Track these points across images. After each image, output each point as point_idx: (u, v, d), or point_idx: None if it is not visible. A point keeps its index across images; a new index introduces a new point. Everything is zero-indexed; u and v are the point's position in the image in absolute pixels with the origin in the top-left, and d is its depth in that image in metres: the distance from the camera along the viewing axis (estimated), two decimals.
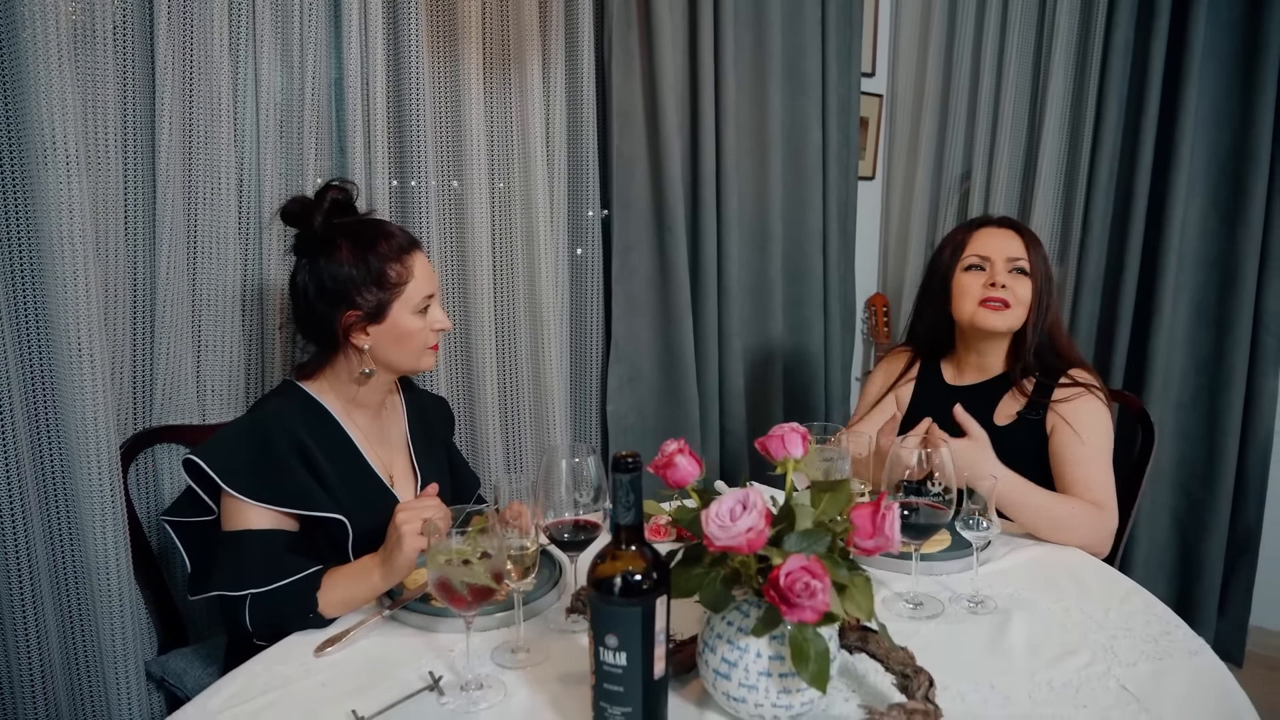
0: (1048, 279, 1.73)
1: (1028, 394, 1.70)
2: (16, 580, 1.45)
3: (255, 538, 1.30)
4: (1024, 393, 1.71)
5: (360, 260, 1.39)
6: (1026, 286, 1.71)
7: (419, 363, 1.48)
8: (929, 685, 1.00)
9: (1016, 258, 1.72)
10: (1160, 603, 1.32)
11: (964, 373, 1.83)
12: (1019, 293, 1.71)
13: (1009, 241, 1.74)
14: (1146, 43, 2.61)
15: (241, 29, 1.70)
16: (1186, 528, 2.78)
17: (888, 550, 0.99)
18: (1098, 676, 1.12)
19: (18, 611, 1.46)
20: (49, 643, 1.52)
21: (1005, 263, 1.72)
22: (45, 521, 1.52)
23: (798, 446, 1.10)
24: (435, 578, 1.06)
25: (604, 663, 0.94)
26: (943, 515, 1.27)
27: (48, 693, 1.52)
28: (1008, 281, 1.70)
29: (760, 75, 2.57)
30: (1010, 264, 1.72)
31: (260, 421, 1.37)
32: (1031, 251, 1.73)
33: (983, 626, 1.26)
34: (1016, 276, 1.72)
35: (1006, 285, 1.70)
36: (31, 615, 1.47)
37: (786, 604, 0.89)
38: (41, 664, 1.50)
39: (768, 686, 0.98)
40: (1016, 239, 1.74)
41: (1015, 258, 1.72)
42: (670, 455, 1.03)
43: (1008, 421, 1.71)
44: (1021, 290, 1.71)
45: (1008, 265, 1.72)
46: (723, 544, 0.92)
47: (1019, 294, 1.71)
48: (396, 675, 1.15)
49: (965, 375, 1.83)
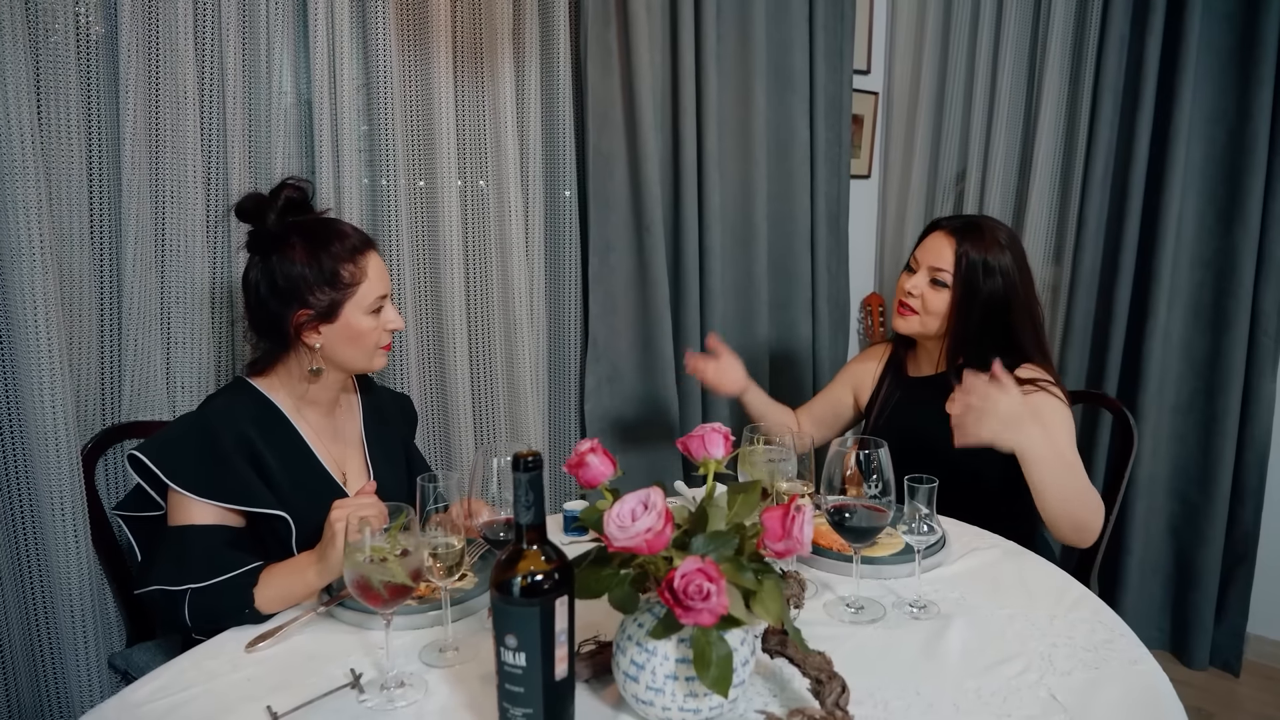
0: (970, 289, 1.68)
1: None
2: None
3: (196, 533, 1.31)
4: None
5: (313, 259, 1.39)
6: (942, 298, 1.71)
7: (371, 362, 1.48)
8: (841, 692, 0.98)
9: (938, 268, 1.72)
10: (1110, 610, 1.29)
11: (920, 365, 1.86)
12: (930, 303, 1.72)
13: (942, 250, 1.72)
14: (1142, 38, 2.56)
15: (206, 24, 1.71)
16: (1182, 534, 2.72)
17: (798, 553, 0.97)
18: (1029, 685, 1.10)
19: None
20: (11, 634, 1.54)
21: (927, 271, 1.73)
22: (8, 517, 1.54)
23: (719, 447, 1.08)
24: (352, 575, 1.06)
25: (505, 663, 0.93)
26: (881, 517, 1.25)
27: (9, 683, 1.54)
28: (924, 290, 1.73)
29: (745, 72, 2.55)
30: (931, 273, 1.73)
31: (205, 418, 1.38)
32: (965, 259, 1.68)
33: (920, 632, 1.24)
34: (935, 287, 1.72)
35: (918, 293, 1.73)
36: None
37: (681, 607, 0.87)
38: (2, 655, 1.52)
39: (674, 690, 0.96)
40: (949, 249, 1.71)
41: (937, 268, 1.72)
42: (582, 455, 1.02)
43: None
44: (934, 300, 1.72)
45: (929, 274, 1.73)
46: (621, 544, 0.91)
47: (930, 304, 1.73)
48: (324, 672, 1.15)
49: (922, 368, 1.85)
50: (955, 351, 1.74)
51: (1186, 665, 2.73)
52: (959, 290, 1.68)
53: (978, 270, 1.67)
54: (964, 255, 1.68)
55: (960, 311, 1.69)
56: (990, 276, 1.67)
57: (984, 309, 1.68)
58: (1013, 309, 1.69)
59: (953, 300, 1.70)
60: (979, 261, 1.67)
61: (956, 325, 1.70)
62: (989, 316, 1.68)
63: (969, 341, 1.70)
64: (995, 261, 1.67)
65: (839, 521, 1.26)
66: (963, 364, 1.69)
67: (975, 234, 1.69)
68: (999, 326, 1.69)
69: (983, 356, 1.66)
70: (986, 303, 1.67)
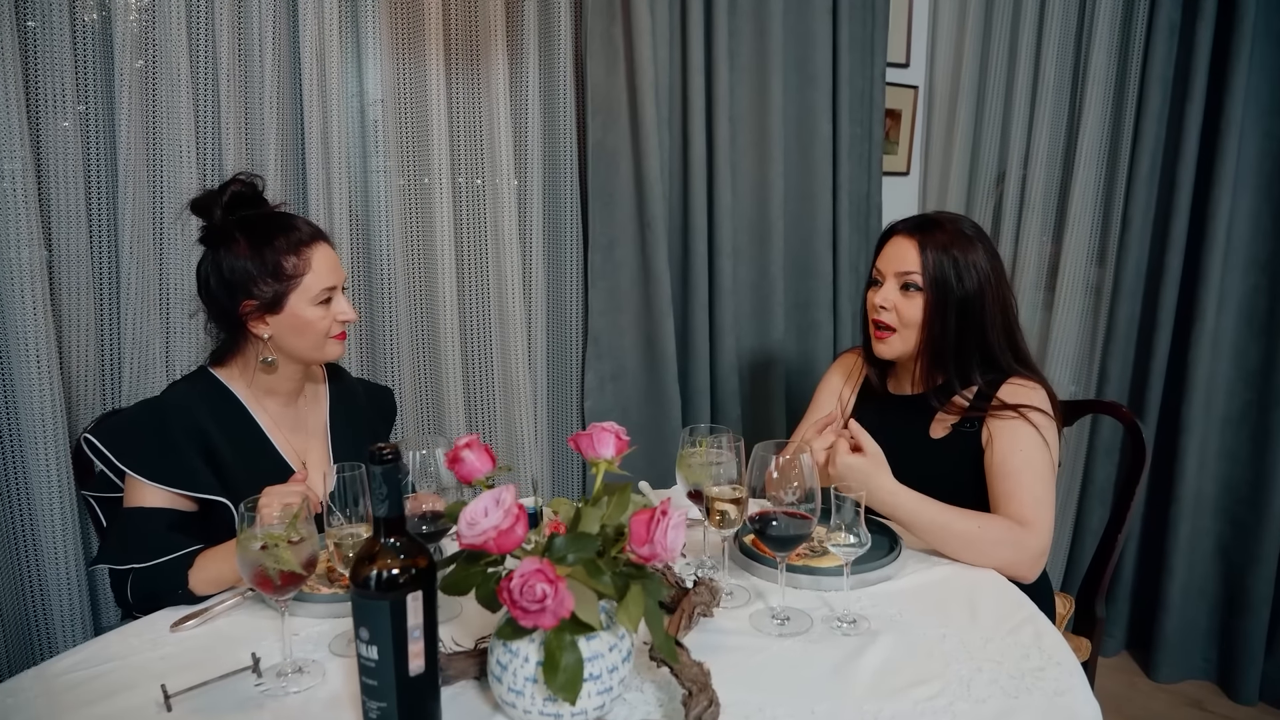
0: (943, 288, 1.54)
1: (965, 405, 1.58)
2: None
3: (141, 515, 1.36)
4: (961, 404, 1.58)
5: (256, 253, 1.42)
6: (916, 304, 1.56)
7: (323, 352, 1.51)
8: (707, 706, 0.94)
9: (906, 271, 1.56)
10: (1055, 635, 1.20)
11: (901, 382, 1.71)
12: (905, 313, 1.57)
13: (906, 253, 1.57)
14: (1193, 25, 2.39)
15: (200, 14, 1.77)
16: (1231, 556, 2.52)
17: (663, 560, 0.94)
18: (934, 711, 1.03)
19: None
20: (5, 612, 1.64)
21: (895, 278, 1.58)
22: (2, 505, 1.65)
23: (608, 446, 1.06)
24: (245, 561, 1.08)
25: (361, 656, 0.93)
26: (806, 525, 1.20)
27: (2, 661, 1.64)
28: (896, 300, 1.57)
29: (761, 67, 2.49)
30: (900, 279, 1.57)
31: (159, 404, 1.44)
32: (932, 256, 1.55)
33: (840, 648, 1.17)
34: (907, 294, 1.57)
35: (892, 307, 1.57)
36: None
37: (518, 609, 0.86)
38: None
39: (534, 693, 0.94)
40: (912, 247, 1.56)
41: (904, 271, 1.57)
42: (457, 449, 1.01)
43: (943, 434, 1.59)
44: (909, 309, 1.57)
45: (898, 280, 1.58)
46: (469, 542, 0.90)
47: (905, 314, 1.57)
48: (236, 654, 1.17)
49: (903, 385, 1.70)
50: (934, 364, 1.59)
51: (1233, 699, 2.53)
52: (931, 291, 1.55)
53: (946, 267, 1.54)
54: (930, 253, 1.55)
55: (935, 314, 1.56)
56: (962, 271, 1.54)
57: (960, 308, 1.55)
58: (985, 306, 1.55)
59: (926, 303, 1.56)
60: (947, 258, 1.54)
61: (933, 330, 1.56)
62: (965, 315, 1.55)
63: (947, 348, 1.57)
64: (963, 255, 1.55)
65: (761, 529, 1.21)
66: (943, 383, 1.59)
67: (937, 230, 1.57)
68: (975, 326, 1.56)
69: (962, 368, 1.57)
70: (962, 302, 1.55)
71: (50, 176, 1.65)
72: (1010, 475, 1.47)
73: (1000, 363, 1.58)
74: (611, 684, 0.96)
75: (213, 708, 1.06)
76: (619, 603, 0.93)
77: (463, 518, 0.90)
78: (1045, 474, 1.47)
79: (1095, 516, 2.69)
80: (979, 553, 1.40)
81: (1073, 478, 2.71)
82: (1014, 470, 1.47)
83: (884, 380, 1.73)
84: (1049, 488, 1.48)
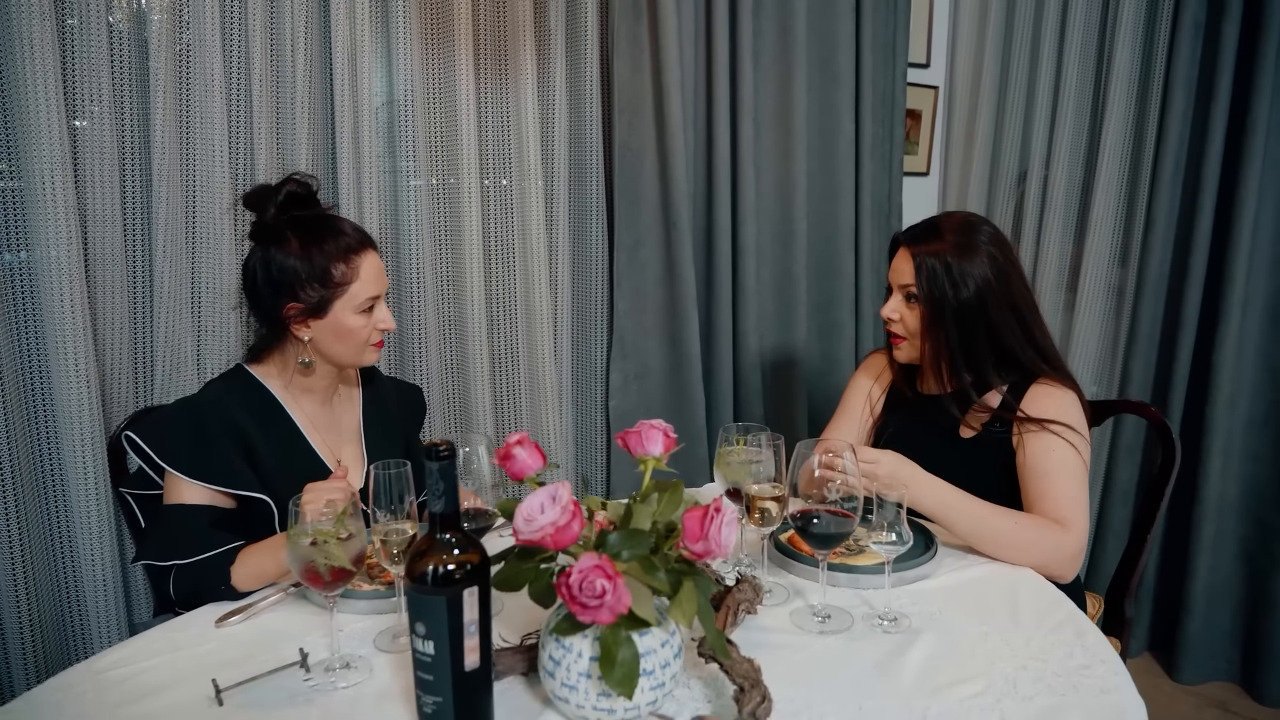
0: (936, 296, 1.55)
1: (993, 405, 1.58)
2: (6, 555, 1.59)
3: (182, 512, 1.37)
4: (989, 404, 1.58)
5: (306, 255, 1.43)
6: (917, 315, 1.60)
7: (360, 358, 1.52)
8: (760, 702, 0.95)
9: (904, 284, 1.60)
10: (1097, 634, 1.20)
11: (928, 382, 1.71)
12: (910, 323, 1.61)
13: (903, 263, 1.60)
14: (1218, 22, 2.39)
15: (233, 18, 1.78)
16: (1256, 558, 2.52)
17: (717, 556, 0.95)
18: (981, 709, 1.03)
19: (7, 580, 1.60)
20: (43, 604, 1.65)
21: (899, 290, 1.62)
22: (39, 494, 1.66)
23: (657, 444, 1.06)
24: (295, 557, 1.08)
25: (416, 651, 0.94)
26: (848, 524, 1.20)
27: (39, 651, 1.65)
28: (902, 311, 1.62)
29: (785, 67, 2.49)
30: (901, 290, 1.62)
31: (197, 402, 1.44)
32: (923, 265, 1.55)
33: (883, 646, 1.18)
34: (909, 304, 1.61)
35: (899, 317, 1.62)
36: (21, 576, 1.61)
37: (577, 604, 0.86)
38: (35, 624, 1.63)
39: (587, 688, 0.95)
40: (908, 261, 1.58)
41: (903, 284, 1.60)
42: (509, 446, 1.02)
43: (972, 434, 1.60)
44: (912, 319, 1.61)
45: (901, 293, 1.62)
46: (526, 538, 0.90)
47: (909, 324, 1.61)
48: (282, 650, 1.18)
49: (930, 385, 1.70)
50: (955, 365, 1.59)
51: (1258, 701, 2.53)
52: (926, 304, 1.56)
53: (940, 277, 1.54)
54: (923, 265, 1.56)
55: (933, 323, 1.57)
56: (957, 279, 1.53)
57: (958, 316, 1.55)
58: (988, 311, 1.54)
59: (922, 314, 1.58)
60: (940, 267, 1.54)
61: (935, 338, 1.57)
62: (965, 321, 1.55)
63: (954, 354, 1.57)
64: (958, 262, 1.54)
65: (803, 527, 1.22)
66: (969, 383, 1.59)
67: (934, 239, 1.57)
68: (979, 331, 1.55)
69: (978, 371, 1.58)
70: (960, 309, 1.54)
71: (86, 177, 1.66)
72: (1044, 475, 1.47)
73: (1023, 363, 1.58)
74: (664, 679, 0.97)
75: (263, 702, 1.07)
76: (671, 599, 0.94)
77: (519, 514, 0.91)
78: (1079, 474, 1.48)
79: (1117, 517, 2.69)
80: (1016, 550, 1.40)
81: (1095, 478, 2.71)
82: (1048, 470, 1.47)
83: (912, 381, 1.73)
84: (1083, 487, 1.48)
